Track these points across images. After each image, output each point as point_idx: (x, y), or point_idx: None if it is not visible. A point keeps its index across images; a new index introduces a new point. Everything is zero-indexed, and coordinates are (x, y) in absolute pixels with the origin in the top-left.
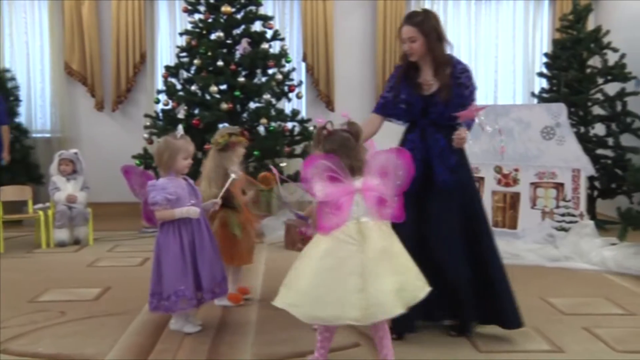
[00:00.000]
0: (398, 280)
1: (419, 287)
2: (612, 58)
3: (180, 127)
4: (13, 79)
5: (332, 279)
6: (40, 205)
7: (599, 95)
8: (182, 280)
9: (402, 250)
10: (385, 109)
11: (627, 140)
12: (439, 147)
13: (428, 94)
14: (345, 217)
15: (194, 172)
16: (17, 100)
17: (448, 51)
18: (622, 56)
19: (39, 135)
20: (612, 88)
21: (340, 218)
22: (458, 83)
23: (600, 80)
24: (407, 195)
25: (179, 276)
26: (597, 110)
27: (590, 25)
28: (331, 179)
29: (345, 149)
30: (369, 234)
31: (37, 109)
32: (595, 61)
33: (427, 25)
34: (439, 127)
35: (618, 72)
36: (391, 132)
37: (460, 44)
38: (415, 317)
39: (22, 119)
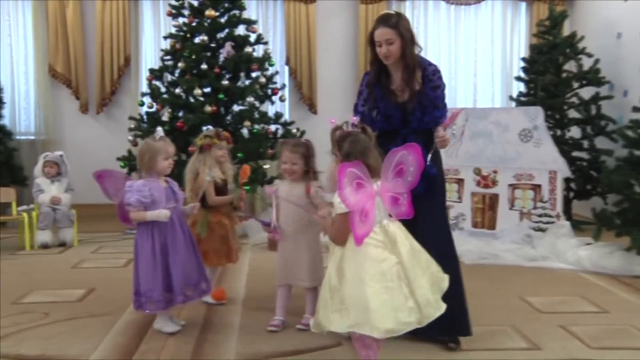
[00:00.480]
0: (428, 276)
1: (441, 278)
2: (586, 63)
3: (159, 129)
4: None
5: (386, 288)
6: (24, 207)
7: (574, 99)
8: (151, 281)
9: (419, 245)
10: (368, 121)
11: (601, 142)
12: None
13: (402, 101)
14: (372, 222)
15: (178, 174)
16: (0, 102)
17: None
18: (597, 61)
19: (23, 137)
20: (587, 92)
21: (369, 224)
22: (432, 86)
23: (575, 85)
24: None
25: (149, 277)
26: (572, 113)
27: (566, 31)
28: (358, 186)
29: (367, 152)
30: (395, 236)
31: (21, 111)
32: (570, 66)
33: (402, 27)
34: (419, 133)
35: (592, 77)
36: None
37: (440, 48)
38: None
39: (6, 121)
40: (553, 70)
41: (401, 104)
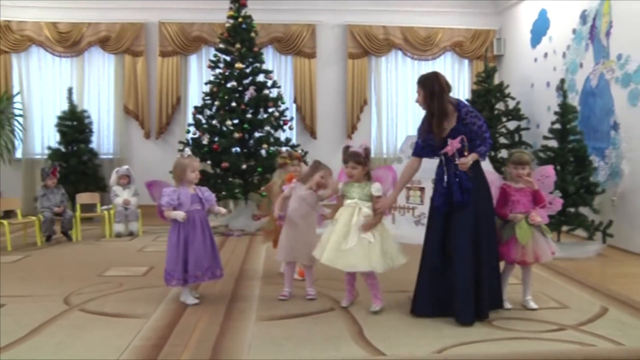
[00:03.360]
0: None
1: None
2: (511, 104)
3: (187, 149)
4: (89, 117)
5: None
6: (105, 207)
7: (503, 130)
8: (173, 264)
9: None
10: (417, 151)
11: None
12: (456, 173)
13: (441, 136)
14: None
15: (211, 182)
16: (91, 131)
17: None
18: (518, 103)
19: (105, 156)
20: (512, 125)
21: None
22: (465, 123)
23: (504, 119)
24: (436, 211)
25: (172, 261)
26: (502, 140)
27: (496, 80)
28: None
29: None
30: None
31: (104, 138)
32: (500, 106)
33: (425, 83)
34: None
35: (515, 114)
36: None
37: (407, 91)
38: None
39: (94, 145)
40: (488, 109)
41: (442, 138)
